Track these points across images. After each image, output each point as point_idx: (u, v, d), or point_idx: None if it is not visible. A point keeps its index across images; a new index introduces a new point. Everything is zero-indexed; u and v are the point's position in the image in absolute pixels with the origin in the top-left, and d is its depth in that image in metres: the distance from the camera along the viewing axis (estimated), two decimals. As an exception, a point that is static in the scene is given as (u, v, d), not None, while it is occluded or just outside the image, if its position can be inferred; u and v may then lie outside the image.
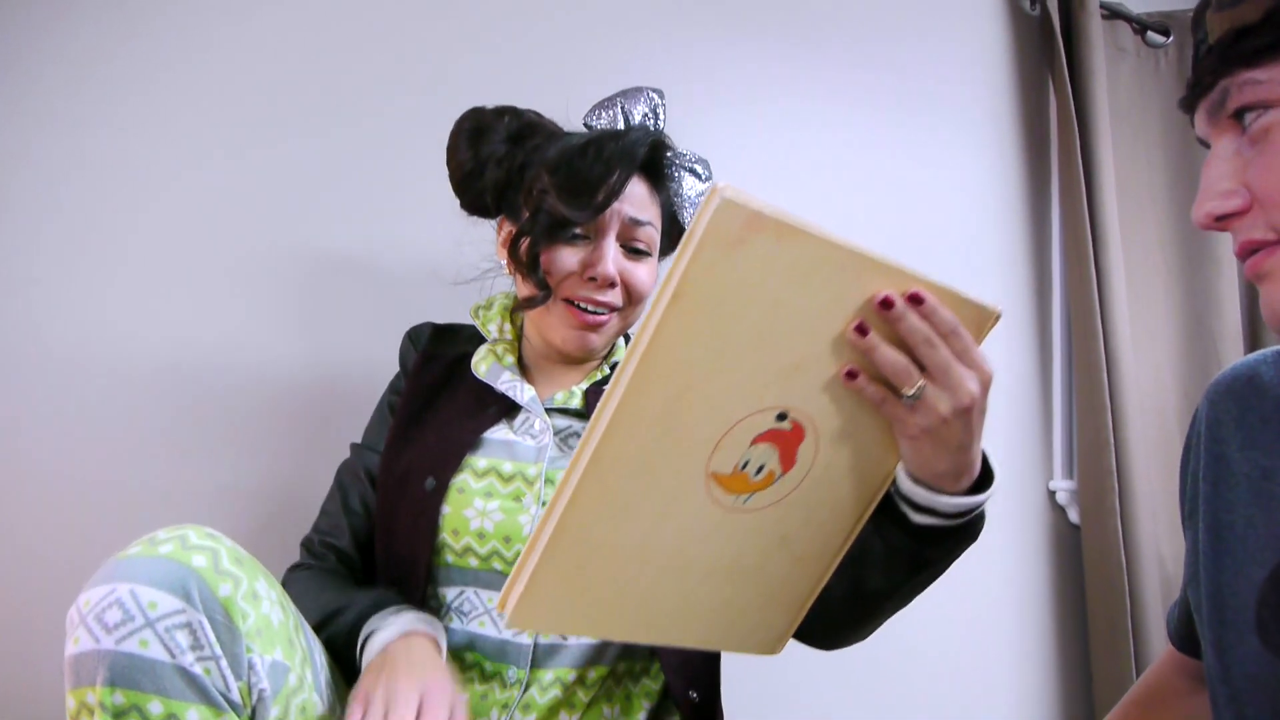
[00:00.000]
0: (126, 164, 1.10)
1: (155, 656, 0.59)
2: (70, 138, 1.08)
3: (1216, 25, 0.53)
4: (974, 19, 1.73)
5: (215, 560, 0.63)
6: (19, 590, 1.01)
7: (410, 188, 1.21)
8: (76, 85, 1.08)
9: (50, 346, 1.05)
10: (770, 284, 0.49)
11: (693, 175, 0.96)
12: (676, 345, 0.47)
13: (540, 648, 0.84)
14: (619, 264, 0.89)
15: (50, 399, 1.05)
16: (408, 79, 1.25)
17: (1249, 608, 0.60)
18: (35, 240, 1.06)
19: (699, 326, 0.47)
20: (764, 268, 0.48)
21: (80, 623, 0.59)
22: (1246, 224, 0.53)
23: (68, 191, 1.07)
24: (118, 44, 1.10)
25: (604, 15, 1.38)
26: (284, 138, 1.18)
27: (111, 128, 1.10)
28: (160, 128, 1.12)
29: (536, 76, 1.30)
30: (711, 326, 0.48)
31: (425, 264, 1.21)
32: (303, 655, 0.71)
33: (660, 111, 0.95)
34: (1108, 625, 1.57)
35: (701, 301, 0.46)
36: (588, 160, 0.85)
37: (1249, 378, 0.66)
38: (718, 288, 0.47)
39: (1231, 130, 0.54)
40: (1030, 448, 1.70)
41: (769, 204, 0.45)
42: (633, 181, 0.89)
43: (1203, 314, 1.75)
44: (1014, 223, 1.74)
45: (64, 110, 1.08)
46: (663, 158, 0.93)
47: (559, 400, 0.93)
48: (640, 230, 0.90)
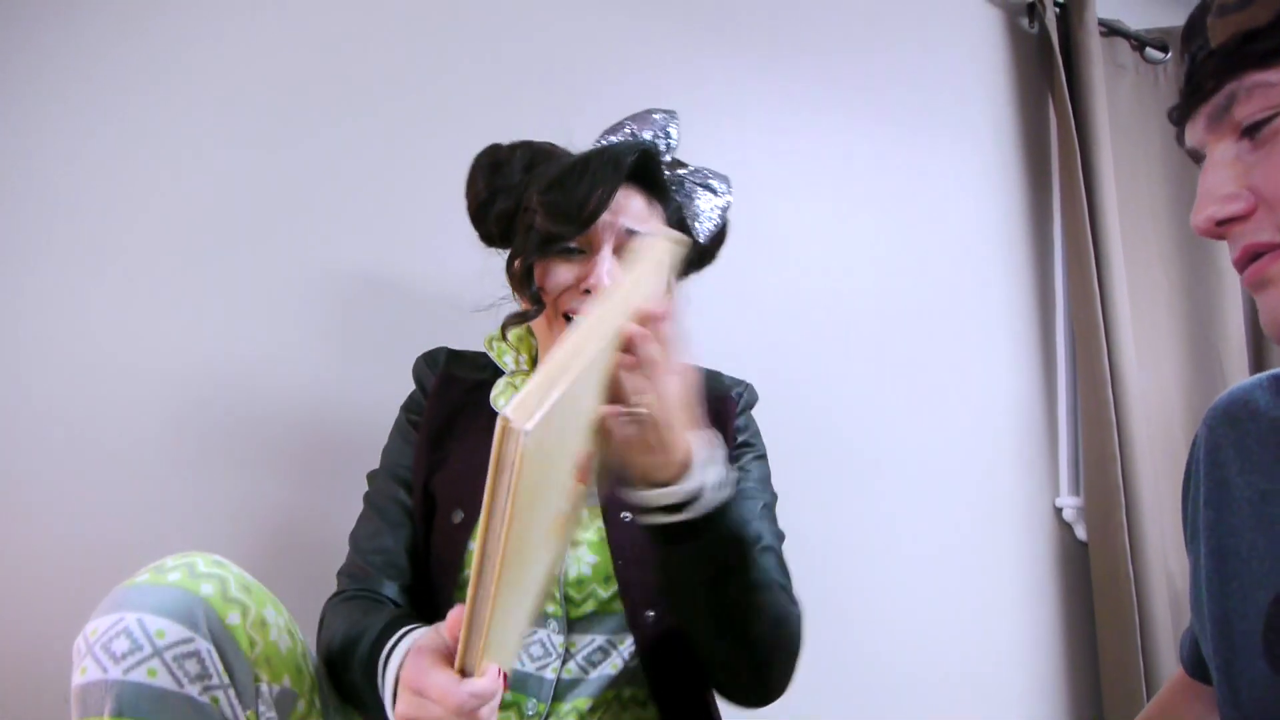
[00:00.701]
0: (154, 186, 1.11)
1: (163, 686, 0.59)
2: (79, 144, 1.09)
3: (1220, 30, 0.53)
4: (974, 37, 1.75)
5: (223, 588, 0.63)
6: (27, 611, 1.01)
7: (434, 218, 1.22)
8: (113, 97, 1.09)
9: (60, 362, 1.05)
10: (564, 434, 0.56)
11: (707, 190, 0.96)
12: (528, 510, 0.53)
13: (563, 682, 0.83)
14: (615, 275, 0.88)
15: (59, 414, 1.05)
16: (442, 111, 1.26)
17: (1256, 632, 0.60)
18: (48, 251, 1.06)
19: (526, 498, 0.53)
20: (551, 439, 0.54)
21: (87, 652, 0.59)
22: (1250, 228, 0.53)
23: (79, 199, 1.08)
24: (157, 55, 1.12)
25: (603, 33, 1.40)
26: (311, 163, 1.19)
27: (127, 137, 1.10)
28: (184, 148, 1.13)
29: (549, 104, 1.31)
30: (537, 485, 0.53)
31: (444, 293, 1.21)
32: (311, 682, 0.70)
33: (671, 132, 0.95)
34: (1117, 642, 1.56)
35: (524, 493, 0.52)
36: (575, 175, 0.86)
37: (1245, 402, 0.66)
38: (535, 474, 0.53)
39: (1231, 135, 0.54)
40: (1036, 464, 1.70)
41: (539, 409, 0.49)
42: (628, 193, 0.89)
43: (1206, 328, 1.75)
44: (1016, 239, 1.74)
45: (70, 116, 1.09)
46: (657, 168, 0.92)
47: None
48: (637, 240, 0.90)
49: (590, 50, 1.39)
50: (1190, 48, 0.56)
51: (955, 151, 1.69)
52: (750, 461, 0.96)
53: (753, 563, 0.72)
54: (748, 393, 1.01)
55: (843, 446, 1.51)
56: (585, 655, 0.85)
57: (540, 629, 0.84)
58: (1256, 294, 0.55)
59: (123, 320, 1.09)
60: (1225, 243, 0.56)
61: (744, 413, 0.99)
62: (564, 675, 0.84)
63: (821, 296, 1.52)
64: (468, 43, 1.31)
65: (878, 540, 1.52)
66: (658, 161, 0.92)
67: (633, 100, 1.05)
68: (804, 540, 1.09)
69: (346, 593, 0.85)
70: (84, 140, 1.09)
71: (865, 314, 1.56)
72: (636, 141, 0.91)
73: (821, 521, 1.46)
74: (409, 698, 0.58)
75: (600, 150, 0.88)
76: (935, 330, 1.62)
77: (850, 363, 1.53)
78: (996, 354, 1.69)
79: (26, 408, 1.04)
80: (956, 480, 1.61)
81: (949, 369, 1.63)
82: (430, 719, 0.57)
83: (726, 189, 0.99)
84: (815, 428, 1.47)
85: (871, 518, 1.52)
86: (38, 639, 0.99)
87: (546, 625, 0.84)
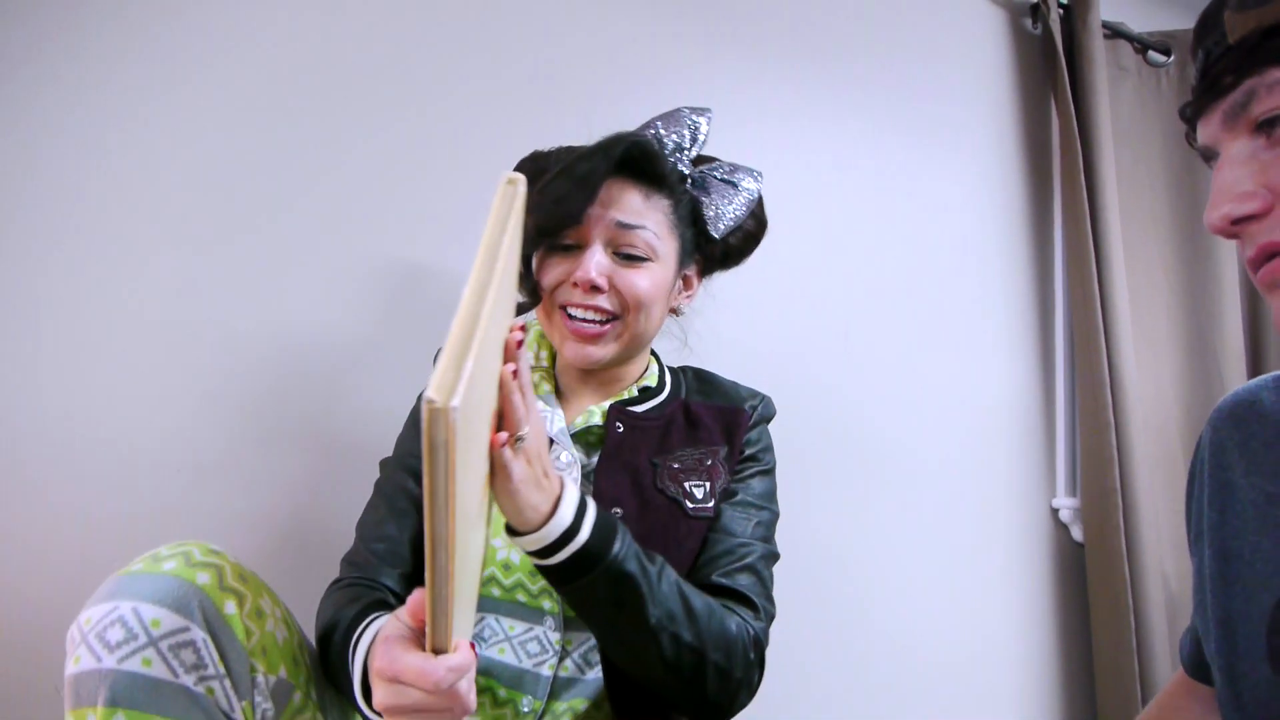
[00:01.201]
0: (161, 184, 1.10)
1: (158, 676, 0.58)
2: (80, 143, 1.08)
3: (1239, 25, 0.52)
4: (977, 39, 1.74)
5: (220, 577, 0.62)
6: (25, 606, 1.00)
7: (456, 213, 1.22)
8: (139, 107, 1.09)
9: (63, 359, 1.05)
10: (474, 415, 0.56)
11: (729, 185, 0.96)
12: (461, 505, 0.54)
13: (560, 680, 0.83)
14: (606, 269, 0.88)
15: (62, 409, 1.04)
16: (470, 111, 1.27)
17: (1259, 635, 0.59)
18: (53, 248, 1.05)
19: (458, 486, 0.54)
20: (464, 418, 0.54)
21: (81, 641, 0.59)
22: (1266, 227, 0.52)
23: (84, 196, 1.07)
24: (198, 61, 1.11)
25: (614, 40, 1.39)
26: (325, 159, 1.18)
27: (130, 134, 1.10)
28: (193, 143, 1.12)
29: (570, 106, 1.31)
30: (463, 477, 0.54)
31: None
32: (307, 674, 0.70)
33: (700, 128, 0.95)
34: (1113, 644, 1.56)
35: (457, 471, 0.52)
36: (563, 172, 0.86)
37: (1250, 403, 0.66)
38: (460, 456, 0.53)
39: (1247, 133, 0.53)
40: (1033, 465, 1.70)
41: (459, 384, 0.49)
42: (623, 187, 0.89)
43: (1205, 331, 1.75)
44: (1017, 240, 1.74)
45: (73, 112, 1.08)
46: (651, 160, 0.90)
47: (579, 423, 0.92)
48: (631, 235, 0.89)
49: (605, 54, 1.38)
50: (1205, 43, 0.55)
51: (957, 152, 1.69)
52: (753, 476, 0.95)
53: (645, 600, 0.72)
54: (763, 406, 1.00)
55: (840, 447, 1.51)
56: (581, 653, 0.85)
57: (537, 625, 0.84)
58: (1270, 294, 0.54)
59: (126, 317, 1.08)
60: (1227, 245, 0.55)
61: (756, 426, 0.98)
62: (561, 673, 0.83)
63: (821, 297, 1.52)
64: (496, 44, 1.31)
65: (874, 540, 1.52)
66: (652, 154, 0.90)
67: (651, 102, 1.05)
68: (798, 541, 1.09)
69: (344, 580, 0.85)
70: (85, 138, 1.08)
71: (865, 314, 1.55)
72: (630, 134, 0.90)
73: (817, 522, 1.46)
74: (385, 688, 0.58)
75: (591, 147, 0.87)
76: (934, 330, 1.62)
77: (849, 364, 1.53)
78: (995, 355, 1.69)
79: (30, 402, 1.03)
80: (953, 480, 1.60)
81: (947, 369, 1.62)
82: (411, 704, 0.57)
83: (755, 184, 0.97)
84: (811, 429, 1.47)
85: (868, 518, 1.52)
86: (39, 631, 0.98)
87: (543, 622, 0.84)
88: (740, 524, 0.90)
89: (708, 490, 0.90)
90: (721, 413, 0.97)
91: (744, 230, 0.99)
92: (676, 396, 0.98)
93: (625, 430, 0.92)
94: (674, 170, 0.93)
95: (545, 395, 0.94)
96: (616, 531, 0.71)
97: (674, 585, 0.75)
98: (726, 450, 0.94)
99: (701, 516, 0.88)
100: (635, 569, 0.71)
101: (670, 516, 0.87)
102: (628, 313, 0.90)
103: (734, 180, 0.96)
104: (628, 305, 0.89)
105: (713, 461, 0.92)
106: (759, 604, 0.85)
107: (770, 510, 0.94)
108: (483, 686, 0.83)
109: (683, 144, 0.95)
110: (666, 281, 0.92)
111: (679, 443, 0.93)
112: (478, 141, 1.27)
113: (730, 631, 0.78)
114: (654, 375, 1.00)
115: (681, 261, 0.95)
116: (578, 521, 0.68)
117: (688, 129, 0.95)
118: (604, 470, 0.89)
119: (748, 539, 0.89)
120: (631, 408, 0.94)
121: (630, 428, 0.92)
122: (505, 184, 0.61)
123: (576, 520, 0.68)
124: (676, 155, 0.94)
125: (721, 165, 0.97)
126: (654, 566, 0.74)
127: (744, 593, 0.84)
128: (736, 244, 0.99)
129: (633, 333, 0.91)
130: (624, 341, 0.92)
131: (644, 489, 0.88)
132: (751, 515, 0.91)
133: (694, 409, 0.97)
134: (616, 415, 0.93)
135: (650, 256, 0.90)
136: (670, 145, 0.94)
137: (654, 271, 0.91)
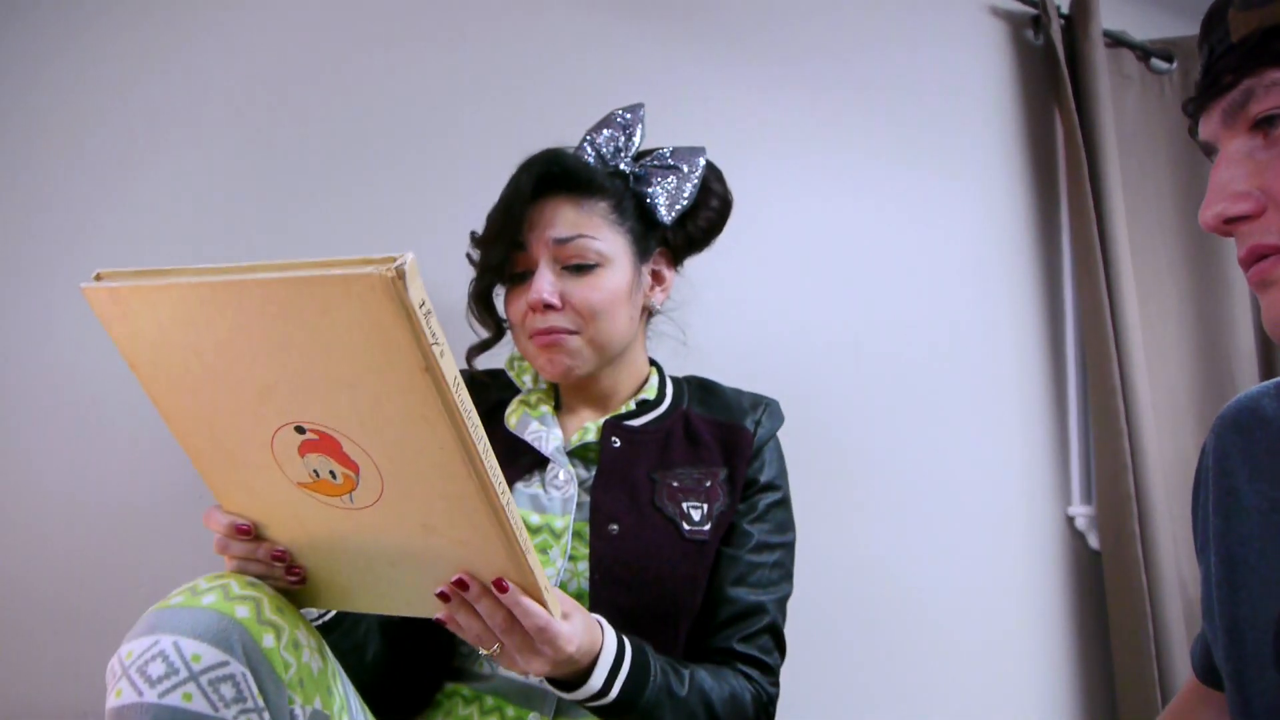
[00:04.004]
0: (162, 182, 1.12)
1: (199, 710, 0.59)
2: (80, 140, 1.09)
3: (1242, 24, 0.52)
4: (979, 51, 1.75)
5: (258, 610, 0.63)
6: (41, 612, 1.01)
7: (459, 221, 1.23)
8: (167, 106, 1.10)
9: (67, 358, 1.06)
10: (174, 335, 0.55)
11: (672, 171, 0.97)
12: (168, 399, 0.56)
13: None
14: (555, 286, 0.90)
15: (66, 409, 1.05)
16: (483, 123, 1.28)
17: (1266, 641, 0.60)
18: (53, 247, 1.07)
19: (162, 385, 0.55)
20: (157, 326, 0.54)
21: (123, 674, 0.60)
22: (1258, 228, 0.53)
23: (84, 194, 1.08)
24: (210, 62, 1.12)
25: (601, 53, 1.41)
26: (333, 174, 1.20)
27: (132, 131, 1.11)
28: (194, 142, 1.14)
29: (552, 110, 1.31)
30: (170, 381, 0.55)
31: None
32: (340, 703, 0.71)
33: (634, 128, 0.98)
34: (1132, 651, 1.55)
35: (143, 366, 0.54)
36: (495, 208, 0.93)
37: (1252, 410, 0.66)
38: (142, 354, 0.54)
39: (1245, 132, 0.53)
40: (1048, 473, 1.70)
41: (132, 279, 0.51)
42: (554, 204, 0.91)
43: (1216, 335, 1.76)
44: (1025, 249, 1.75)
45: (76, 108, 1.09)
46: (567, 170, 0.92)
47: (575, 440, 0.94)
48: (569, 247, 0.90)
49: (597, 54, 1.39)
50: (1210, 40, 0.55)
51: (962, 163, 1.69)
52: (768, 510, 0.95)
53: None
54: (767, 418, 1.00)
55: (854, 458, 1.51)
56: None
57: None
58: (1260, 293, 0.55)
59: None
60: (1235, 249, 0.56)
61: (761, 450, 0.98)
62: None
63: (829, 309, 1.53)
64: (496, 45, 1.32)
65: (888, 550, 1.52)
66: (568, 165, 0.92)
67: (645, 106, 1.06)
68: (811, 555, 1.09)
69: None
70: (86, 138, 1.10)
71: (874, 326, 1.56)
72: (543, 152, 0.93)
73: (831, 532, 1.46)
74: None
75: (513, 177, 0.92)
76: (945, 341, 1.63)
77: (860, 375, 1.54)
78: (1006, 363, 1.69)
79: (36, 405, 1.04)
80: (968, 490, 1.61)
81: (958, 379, 1.63)
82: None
83: (698, 160, 0.98)
84: (824, 440, 1.48)
85: (882, 528, 1.52)
86: (43, 643, 0.99)
87: None
88: (761, 573, 0.91)
89: (705, 513, 0.91)
90: (722, 429, 0.97)
91: (707, 209, 1.00)
92: (678, 407, 0.99)
93: (622, 445, 0.93)
94: (603, 170, 0.95)
95: (543, 415, 0.96)
96: (649, 677, 0.76)
97: (698, 696, 0.81)
98: (727, 473, 0.94)
99: (697, 540, 0.89)
100: (666, 712, 0.78)
101: (666, 537, 0.89)
102: (587, 325, 0.91)
103: (673, 164, 0.97)
104: (584, 317, 0.91)
105: (712, 484, 0.93)
106: (773, 664, 0.90)
107: (789, 540, 0.96)
108: (490, 705, 0.84)
109: (619, 145, 0.96)
110: (624, 283, 0.93)
111: (679, 458, 0.94)
112: (479, 143, 1.28)
113: (748, 714, 0.84)
114: (653, 388, 1.00)
115: (639, 257, 0.96)
116: (607, 687, 0.74)
117: (621, 130, 0.97)
118: (601, 486, 0.91)
119: (766, 592, 0.91)
120: (628, 421, 0.96)
121: (627, 442, 0.94)
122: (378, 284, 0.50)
123: (606, 685, 0.73)
124: (617, 157, 0.96)
125: (661, 153, 0.98)
126: (682, 689, 0.79)
127: (762, 659, 0.89)
128: (703, 224, 1.01)
129: (600, 341, 0.92)
130: (595, 349, 0.93)
131: (641, 506, 0.90)
132: (771, 556, 0.93)
133: (694, 422, 0.98)
134: (611, 430, 0.94)
135: (599, 262, 0.91)
136: (609, 150, 0.96)
137: (606, 276, 0.92)
